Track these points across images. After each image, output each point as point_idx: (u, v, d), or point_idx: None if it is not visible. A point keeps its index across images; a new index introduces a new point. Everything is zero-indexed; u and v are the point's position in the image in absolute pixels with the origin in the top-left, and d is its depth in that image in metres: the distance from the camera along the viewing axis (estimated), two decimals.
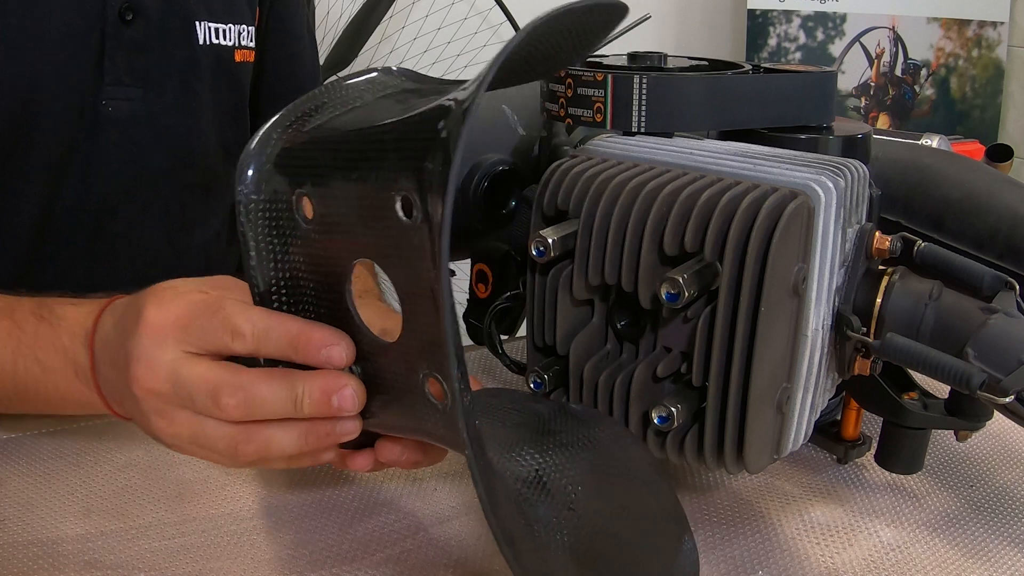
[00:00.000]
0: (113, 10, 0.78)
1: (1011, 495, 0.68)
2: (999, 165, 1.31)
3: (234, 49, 0.88)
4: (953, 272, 0.60)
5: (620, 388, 0.56)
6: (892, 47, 1.98)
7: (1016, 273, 0.64)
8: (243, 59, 0.89)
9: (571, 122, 0.63)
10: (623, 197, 0.54)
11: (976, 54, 1.96)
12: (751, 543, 0.62)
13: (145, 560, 0.59)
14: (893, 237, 0.59)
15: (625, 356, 0.58)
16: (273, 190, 0.52)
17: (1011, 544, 0.62)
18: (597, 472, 0.54)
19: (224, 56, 0.87)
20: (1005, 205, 0.66)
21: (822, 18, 1.98)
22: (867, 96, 2.00)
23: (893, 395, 0.63)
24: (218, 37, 0.86)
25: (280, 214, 0.52)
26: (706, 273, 0.52)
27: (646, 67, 0.63)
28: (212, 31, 0.85)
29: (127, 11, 0.79)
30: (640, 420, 0.56)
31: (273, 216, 0.52)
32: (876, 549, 0.62)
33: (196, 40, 0.84)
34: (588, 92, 0.61)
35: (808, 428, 0.58)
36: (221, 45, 0.86)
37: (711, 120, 0.61)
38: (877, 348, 0.56)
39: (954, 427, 0.65)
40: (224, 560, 0.60)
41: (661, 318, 0.55)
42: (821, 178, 0.52)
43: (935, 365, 0.54)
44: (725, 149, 0.58)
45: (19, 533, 0.62)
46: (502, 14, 1.69)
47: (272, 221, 0.52)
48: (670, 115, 0.60)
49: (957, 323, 0.56)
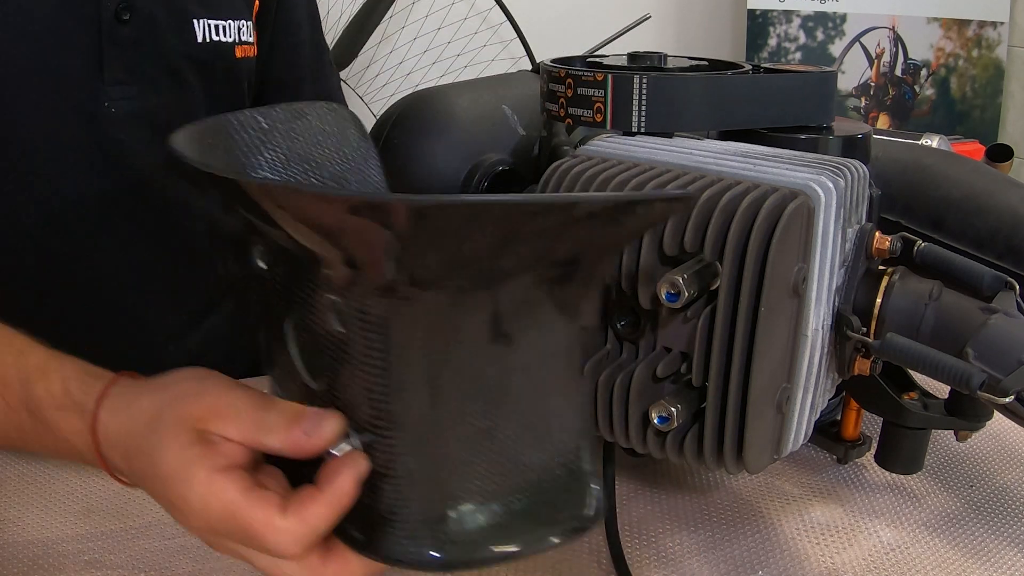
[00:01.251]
0: (108, 10, 0.78)
1: (1011, 495, 0.68)
2: (999, 165, 1.31)
3: (234, 45, 0.87)
4: (953, 272, 0.60)
5: (620, 388, 0.56)
6: (892, 47, 1.98)
7: (1016, 273, 0.64)
8: (244, 54, 0.89)
9: (571, 122, 0.63)
10: None
11: (976, 54, 1.96)
12: (751, 543, 0.62)
13: (145, 560, 0.59)
14: (893, 237, 0.58)
15: (625, 356, 0.58)
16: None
17: (1011, 544, 0.62)
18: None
19: (224, 52, 0.87)
20: (1005, 205, 0.66)
21: (822, 18, 1.98)
22: (867, 96, 2.00)
23: (893, 395, 0.63)
24: (218, 34, 0.86)
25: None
26: (706, 273, 0.52)
27: (646, 67, 0.63)
28: (212, 28, 0.85)
29: (124, 11, 0.78)
30: (640, 420, 0.56)
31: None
32: (876, 549, 0.62)
33: (195, 38, 0.84)
34: (588, 92, 0.61)
35: (808, 428, 0.58)
36: (221, 42, 0.86)
37: (711, 120, 0.61)
38: (877, 348, 0.56)
39: (954, 427, 0.64)
40: (224, 560, 0.60)
41: (661, 318, 0.55)
42: (821, 178, 0.52)
43: (935, 365, 0.54)
44: (725, 149, 0.58)
45: (19, 533, 0.62)
46: (502, 14, 1.69)
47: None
48: (670, 115, 0.60)
49: (957, 323, 0.56)
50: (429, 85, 0.94)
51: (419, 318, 0.45)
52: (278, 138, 0.57)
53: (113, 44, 0.78)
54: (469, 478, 0.49)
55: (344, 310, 0.46)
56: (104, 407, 0.54)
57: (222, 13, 0.86)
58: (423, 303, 0.45)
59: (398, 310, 0.45)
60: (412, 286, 0.44)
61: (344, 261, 0.44)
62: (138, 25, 0.79)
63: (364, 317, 0.45)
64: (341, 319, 0.46)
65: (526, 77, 0.94)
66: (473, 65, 1.83)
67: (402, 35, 1.80)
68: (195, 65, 0.84)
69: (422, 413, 0.47)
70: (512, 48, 1.81)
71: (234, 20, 0.87)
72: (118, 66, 0.79)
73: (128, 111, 0.80)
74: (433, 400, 0.47)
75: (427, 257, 0.43)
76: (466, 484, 0.49)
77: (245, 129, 0.56)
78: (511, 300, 0.46)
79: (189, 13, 0.83)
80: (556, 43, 1.39)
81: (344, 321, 0.46)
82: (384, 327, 0.45)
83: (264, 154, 0.56)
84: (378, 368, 0.46)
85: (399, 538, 0.48)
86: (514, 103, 0.80)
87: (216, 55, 0.86)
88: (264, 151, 0.57)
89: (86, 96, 0.78)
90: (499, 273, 0.45)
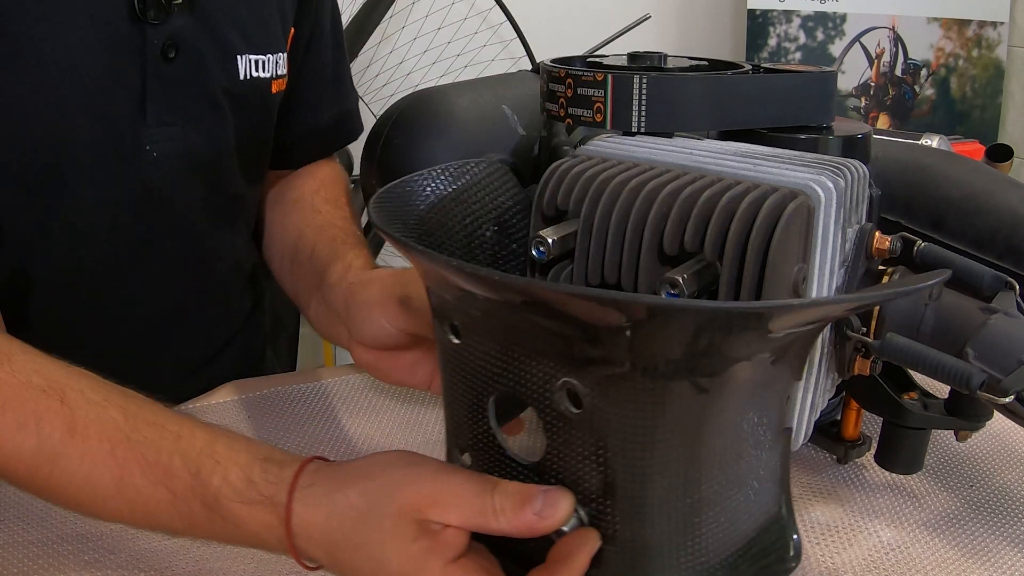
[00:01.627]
0: (155, 48, 0.75)
1: (1011, 495, 0.68)
2: (999, 165, 1.31)
3: (271, 80, 0.85)
4: (953, 272, 0.60)
5: None
6: (892, 47, 1.98)
7: (1016, 273, 0.64)
8: (278, 89, 0.87)
9: (571, 122, 0.63)
10: (623, 197, 0.54)
11: (976, 54, 1.96)
12: None
13: (145, 560, 0.59)
14: (893, 237, 0.58)
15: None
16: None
17: (1011, 544, 0.62)
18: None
19: (262, 88, 0.85)
20: (1005, 205, 0.66)
21: (822, 18, 1.98)
22: (867, 96, 2.00)
23: (893, 395, 0.63)
24: (257, 70, 0.83)
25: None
26: (706, 273, 0.52)
27: (646, 67, 0.63)
28: (252, 64, 0.83)
29: (170, 48, 0.76)
30: None
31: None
32: (876, 549, 0.62)
33: (237, 75, 0.81)
34: (588, 92, 0.60)
35: (808, 428, 0.58)
36: (260, 78, 0.84)
37: (711, 120, 0.61)
38: (877, 348, 0.56)
39: (954, 427, 0.64)
40: (224, 560, 0.60)
41: None
42: (821, 178, 0.52)
43: (935, 365, 0.54)
44: (725, 149, 0.58)
45: (19, 533, 0.62)
46: (502, 14, 1.69)
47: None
48: (670, 115, 0.60)
49: (957, 323, 0.56)
50: (429, 85, 0.94)
51: (667, 400, 0.46)
52: (459, 199, 0.61)
53: (158, 83, 0.76)
54: (694, 541, 0.50)
55: (582, 391, 0.46)
56: (298, 499, 0.52)
57: (263, 48, 0.84)
58: (669, 388, 0.45)
59: (646, 393, 0.45)
60: (656, 377, 0.45)
61: (593, 345, 0.45)
62: (184, 63, 0.77)
63: (608, 398, 0.46)
64: (575, 400, 0.47)
65: (526, 77, 0.94)
66: (473, 65, 1.83)
67: (402, 35, 1.80)
68: (234, 101, 0.82)
69: (654, 484, 0.48)
70: (512, 48, 1.81)
71: (272, 55, 0.85)
72: (161, 106, 0.77)
73: (168, 152, 0.78)
74: (663, 471, 0.48)
75: (670, 348, 0.44)
76: (690, 547, 0.50)
77: (428, 194, 0.60)
78: (740, 378, 0.47)
79: (234, 49, 0.81)
80: (556, 43, 1.39)
81: (580, 402, 0.47)
82: (632, 408, 0.46)
83: (455, 218, 0.60)
84: (617, 446, 0.47)
85: None
86: (514, 103, 0.80)
87: (254, 91, 0.84)
88: (454, 215, 0.60)
89: (128, 138, 0.76)
90: (729, 360, 0.46)
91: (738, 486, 0.51)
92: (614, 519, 0.49)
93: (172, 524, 0.56)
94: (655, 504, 0.48)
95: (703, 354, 0.44)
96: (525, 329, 0.47)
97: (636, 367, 0.44)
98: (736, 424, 0.49)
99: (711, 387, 0.46)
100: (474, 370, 0.51)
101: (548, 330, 0.46)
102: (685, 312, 0.43)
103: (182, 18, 0.76)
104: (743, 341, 0.45)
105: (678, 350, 0.44)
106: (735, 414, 0.49)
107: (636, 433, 0.46)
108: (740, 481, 0.51)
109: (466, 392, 0.52)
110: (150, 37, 0.75)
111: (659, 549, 0.49)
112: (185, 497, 0.54)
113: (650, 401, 0.45)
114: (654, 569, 0.49)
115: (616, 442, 0.47)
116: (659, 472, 0.47)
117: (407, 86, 1.73)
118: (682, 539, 0.49)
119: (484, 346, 0.50)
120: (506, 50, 1.86)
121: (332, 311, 0.76)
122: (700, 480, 0.49)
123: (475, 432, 0.53)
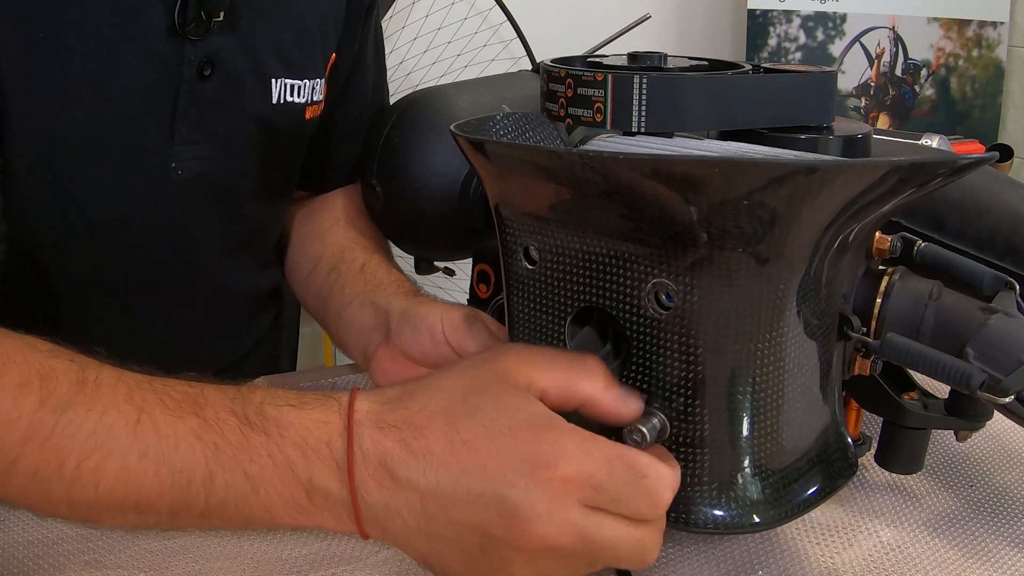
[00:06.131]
0: (191, 65, 0.73)
1: (1011, 495, 0.68)
2: (999, 165, 1.31)
3: (306, 106, 0.84)
4: (953, 272, 0.60)
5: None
6: (892, 47, 1.98)
7: (1016, 273, 0.64)
8: (312, 115, 0.85)
9: (571, 122, 0.63)
10: None
11: (976, 54, 1.96)
12: (751, 543, 0.62)
13: (145, 560, 0.59)
14: (893, 237, 0.58)
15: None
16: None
17: (1011, 544, 0.62)
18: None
19: (295, 114, 0.83)
20: (1005, 205, 0.66)
21: (822, 18, 1.98)
22: (867, 96, 2.00)
23: (893, 395, 0.63)
24: (292, 94, 0.82)
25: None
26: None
27: (646, 67, 0.63)
28: (287, 88, 0.81)
29: (206, 66, 0.74)
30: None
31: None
32: (876, 549, 0.62)
33: (270, 98, 0.80)
34: (588, 92, 0.60)
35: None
36: (294, 103, 0.82)
37: (711, 120, 0.61)
38: (877, 348, 0.56)
39: (954, 427, 0.64)
40: (224, 560, 0.60)
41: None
42: None
43: (935, 365, 0.54)
44: (725, 149, 0.58)
45: (19, 533, 0.62)
46: (502, 14, 1.69)
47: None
48: (670, 115, 0.60)
49: (957, 323, 0.56)
50: (429, 85, 0.93)
51: (752, 285, 0.48)
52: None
53: (190, 102, 0.75)
54: (775, 440, 0.52)
55: (673, 288, 0.49)
56: (362, 396, 0.52)
57: (300, 73, 0.82)
58: (750, 268, 0.48)
59: (732, 276, 0.48)
60: (760, 262, 0.47)
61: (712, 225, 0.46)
62: (218, 82, 0.76)
63: (699, 288, 0.48)
64: (661, 303, 0.50)
65: (526, 77, 0.94)
66: (473, 65, 1.83)
67: (402, 35, 1.80)
68: (266, 124, 0.81)
69: (742, 377, 0.50)
70: (512, 48, 1.81)
71: (310, 80, 0.83)
72: (191, 124, 0.75)
73: (194, 173, 0.77)
74: (749, 364, 0.50)
75: (785, 229, 0.47)
76: (772, 447, 0.52)
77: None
78: (817, 273, 0.50)
79: (270, 72, 0.79)
80: (556, 43, 1.38)
81: (669, 301, 0.49)
82: (720, 295, 0.48)
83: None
84: (709, 337, 0.49)
85: (701, 505, 0.52)
86: (514, 103, 0.80)
87: (287, 116, 0.82)
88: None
89: (155, 158, 0.75)
90: (819, 247, 0.49)
91: (812, 383, 0.53)
92: (703, 419, 0.50)
93: (189, 463, 0.50)
94: (741, 400, 0.50)
95: (781, 219, 0.46)
96: (614, 232, 0.49)
97: (715, 245, 0.47)
98: (810, 315, 0.51)
99: (788, 269, 0.48)
100: (551, 293, 0.53)
101: (637, 225, 0.48)
102: (757, 167, 0.45)
103: (221, 36, 0.75)
104: (813, 207, 0.46)
105: (752, 218, 0.46)
106: (810, 299, 0.51)
107: (727, 321, 0.48)
108: (812, 378, 0.53)
109: (540, 318, 0.54)
110: (187, 54, 0.73)
111: (744, 449, 0.51)
112: (216, 420, 0.50)
113: (736, 285, 0.48)
114: (740, 469, 0.51)
115: (708, 333, 0.49)
116: (746, 363, 0.49)
117: (407, 86, 1.73)
118: (766, 439, 0.51)
119: (564, 265, 0.53)
120: (506, 50, 1.86)
121: (379, 319, 0.75)
122: (783, 374, 0.50)
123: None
